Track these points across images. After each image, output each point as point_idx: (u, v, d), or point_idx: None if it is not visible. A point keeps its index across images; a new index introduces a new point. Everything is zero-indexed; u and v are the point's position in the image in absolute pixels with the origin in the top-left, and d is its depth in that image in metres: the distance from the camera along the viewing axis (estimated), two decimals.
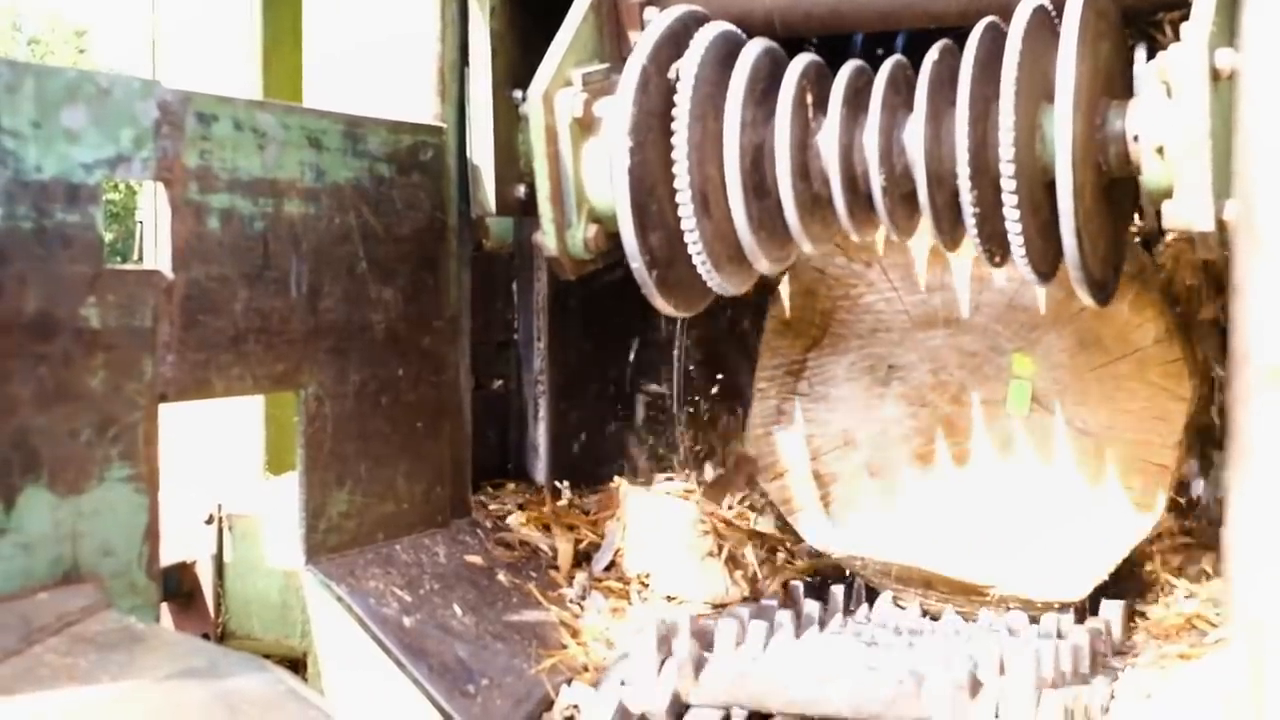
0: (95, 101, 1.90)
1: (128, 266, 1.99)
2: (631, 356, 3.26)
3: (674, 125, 2.32)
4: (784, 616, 2.52)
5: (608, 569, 2.83)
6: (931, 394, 2.79)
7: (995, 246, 2.31)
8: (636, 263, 2.36)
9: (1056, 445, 2.72)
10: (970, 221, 2.27)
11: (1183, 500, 2.78)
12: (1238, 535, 1.20)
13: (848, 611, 2.71)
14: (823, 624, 2.57)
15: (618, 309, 3.12)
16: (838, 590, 2.74)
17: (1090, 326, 2.68)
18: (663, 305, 2.45)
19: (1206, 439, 2.80)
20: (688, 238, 2.35)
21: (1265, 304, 1.11)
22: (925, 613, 2.76)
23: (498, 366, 3.03)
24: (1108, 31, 2.28)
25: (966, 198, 2.24)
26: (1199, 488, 2.81)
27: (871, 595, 2.82)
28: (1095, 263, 2.25)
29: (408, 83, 2.62)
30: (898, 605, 2.78)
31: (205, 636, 2.48)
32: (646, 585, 2.80)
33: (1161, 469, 2.64)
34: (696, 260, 2.37)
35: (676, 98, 2.33)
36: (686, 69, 2.34)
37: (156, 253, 2.09)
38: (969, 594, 2.74)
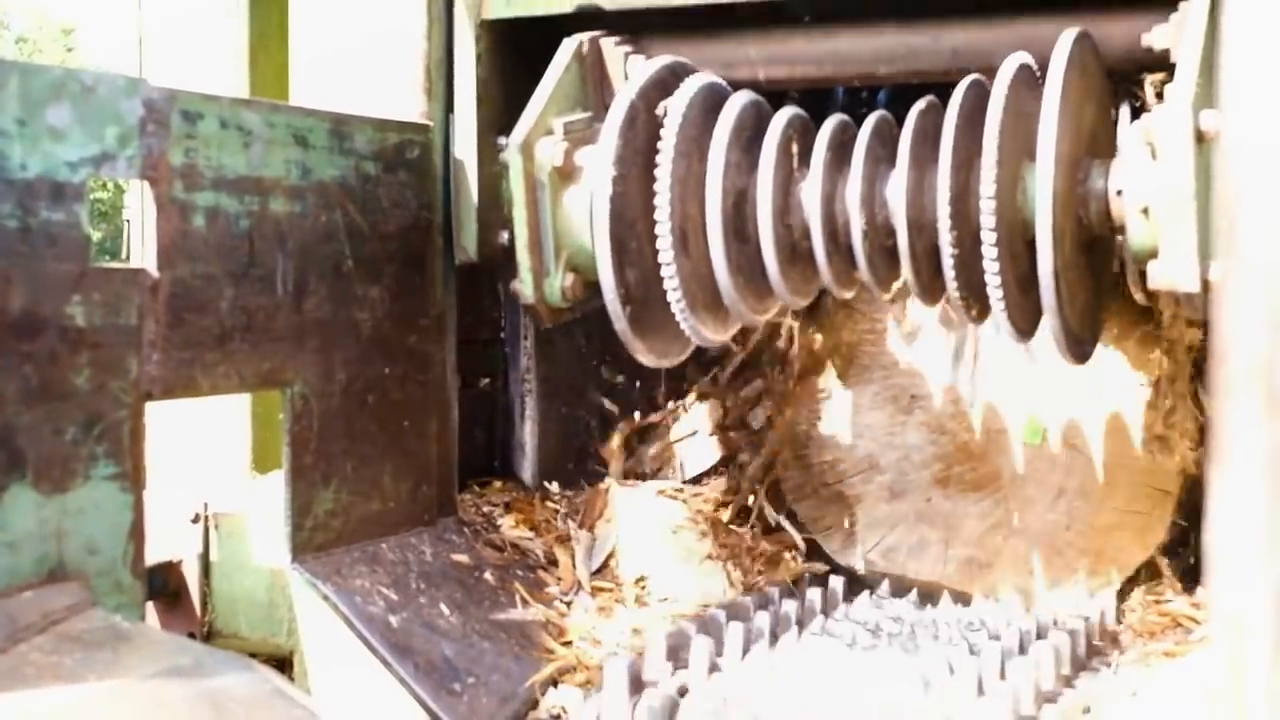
0: (80, 99, 1.90)
1: (113, 265, 1.99)
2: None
3: (658, 160, 2.32)
4: (762, 621, 2.52)
5: (599, 571, 2.83)
6: (951, 423, 2.88)
7: (974, 299, 2.31)
8: (611, 296, 2.34)
9: (1067, 472, 2.82)
10: (950, 274, 2.26)
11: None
12: (1217, 534, 1.21)
13: (826, 613, 2.72)
14: (801, 625, 2.57)
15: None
16: (814, 594, 2.75)
17: (1101, 364, 2.77)
18: (637, 348, 2.43)
19: None
20: (665, 274, 2.33)
21: (1240, 306, 1.12)
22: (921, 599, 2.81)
23: (484, 365, 3.03)
24: (1091, 92, 2.29)
25: (947, 248, 2.24)
26: None
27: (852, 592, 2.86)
28: (1073, 316, 2.25)
29: (394, 81, 2.62)
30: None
31: (191, 635, 2.48)
32: (639, 586, 2.80)
33: (1165, 494, 2.75)
34: (672, 299, 2.35)
35: (663, 133, 2.33)
36: (675, 106, 2.34)
37: (143, 251, 2.09)
38: None
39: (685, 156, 2.34)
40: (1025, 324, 2.31)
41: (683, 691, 2.24)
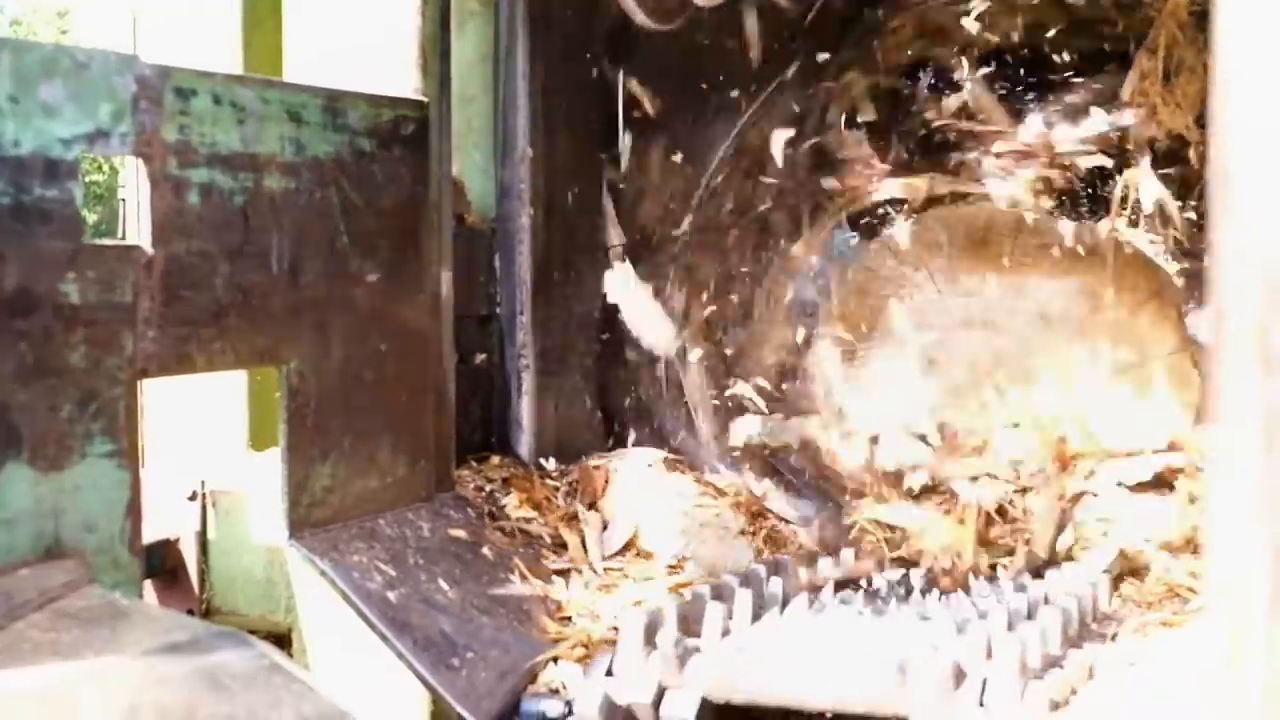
0: (73, 76, 1.89)
1: (108, 242, 1.98)
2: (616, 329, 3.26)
3: None
4: (775, 587, 2.53)
5: (617, 554, 2.82)
6: (966, 388, 3.01)
7: None
8: None
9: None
10: None
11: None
12: (1214, 500, 1.21)
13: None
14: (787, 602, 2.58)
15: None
16: (826, 562, 2.76)
17: (1114, 336, 2.91)
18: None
19: None
20: None
21: (1236, 264, 1.12)
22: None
23: (481, 341, 3.03)
24: None
25: None
26: None
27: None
28: None
29: (389, 58, 2.61)
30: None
31: (190, 613, 2.49)
32: (678, 567, 2.79)
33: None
34: None
35: None
36: None
37: (138, 228, 2.09)
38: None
39: None
40: None
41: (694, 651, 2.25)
